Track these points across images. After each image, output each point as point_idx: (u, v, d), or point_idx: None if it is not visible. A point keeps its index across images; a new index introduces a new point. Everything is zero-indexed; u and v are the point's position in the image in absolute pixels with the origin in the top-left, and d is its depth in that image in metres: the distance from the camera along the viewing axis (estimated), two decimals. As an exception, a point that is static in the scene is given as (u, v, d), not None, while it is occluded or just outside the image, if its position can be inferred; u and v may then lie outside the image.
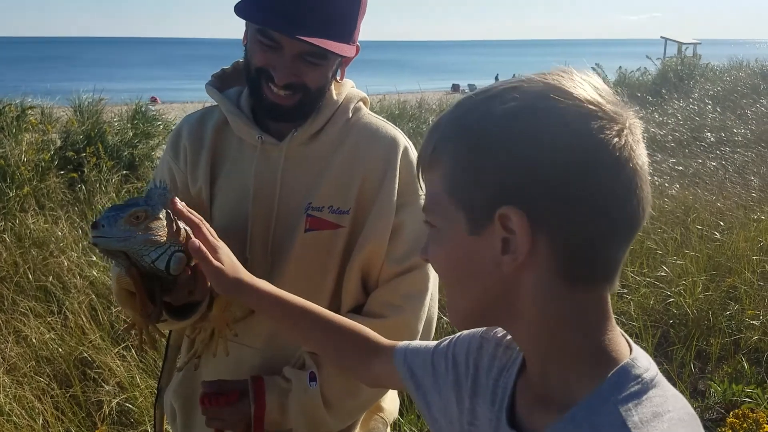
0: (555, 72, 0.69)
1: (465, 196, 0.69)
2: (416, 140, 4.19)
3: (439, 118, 0.74)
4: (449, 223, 0.71)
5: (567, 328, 0.69)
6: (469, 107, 0.71)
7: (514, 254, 0.67)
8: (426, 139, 0.74)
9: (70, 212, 5.43)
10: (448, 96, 17.14)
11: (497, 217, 0.66)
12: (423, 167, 0.75)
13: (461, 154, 0.69)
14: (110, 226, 1.02)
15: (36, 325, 3.66)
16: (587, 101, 0.65)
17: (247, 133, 1.36)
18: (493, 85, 0.71)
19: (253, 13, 1.23)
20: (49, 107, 8.26)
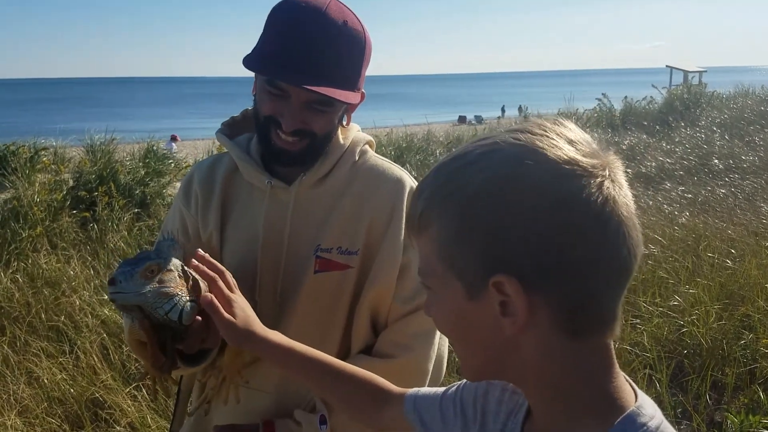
0: (529, 128, 0.70)
1: (457, 264, 0.70)
2: (423, 173, 4.20)
3: (422, 183, 0.75)
4: (446, 288, 0.72)
5: (571, 379, 0.70)
6: (448, 175, 0.71)
7: (514, 317, 0.67)
8: (411, 204, 0.75)
9: (83, 251, 5.47)
10: (455, 128, 17.24)
11: (491, 284, 0.67)
12: (412, 231, 0.76)
13: (447, 224, 0.69)
14: (126, 281, 1.04)
15: (48, 366, 3.67)
16: (563, 161, 0.66)
17: (257, 178, 1.38)
18: (468, 146, 0.73)
19: (262, 65, 1.27)
20: (61, 148, 8.37)
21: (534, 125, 0.70)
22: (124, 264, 1.06)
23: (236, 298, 1.13)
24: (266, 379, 1.37)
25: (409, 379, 1.35)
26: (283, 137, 1.29)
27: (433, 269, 0.73)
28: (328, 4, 1.26)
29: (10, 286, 4.67)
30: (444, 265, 0.71)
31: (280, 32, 1.26)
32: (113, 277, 1.04)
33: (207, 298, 1.09)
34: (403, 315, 1.35)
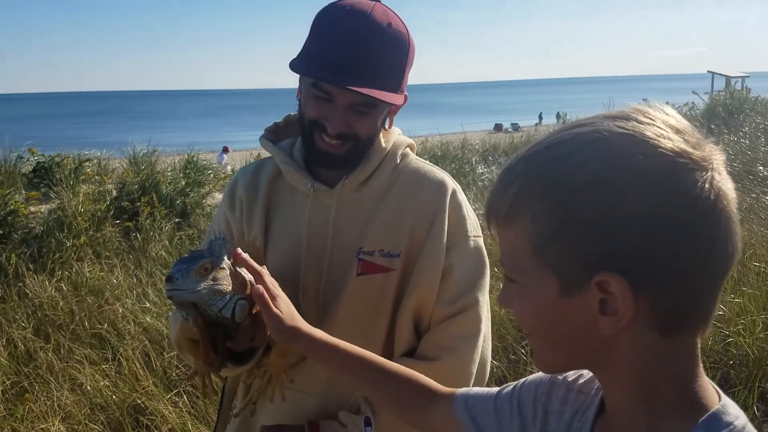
0: (633, 115, 0.66)
1: (554, 259, 0.67)
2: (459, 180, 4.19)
3: (511, 169, 0.70)
4: (536, 283, 0.69)
5: (659, 376, 0.68)
6: (547, 163, 0.67)
7: (615, 317, 0.65)
8: (498, 192, 0.71)
9: (125, 260, 5.58)
10: (491, 135, 17.16)
11: (594, 283, 0.64)
12: (498, 222, 0.72)
13: (545, 217, 0.66)
14: (183, 278, 1.06)
15: (91, 373, 3.75)
16: (674, 153, 0.63)
17: (300, 181, 1.40)
18: (563, 134, 0.68)
19: (307, 68, 1.30)
20: (105, 159, 8.58)
21: (637, 112, 0.67)
22: (179, 262, 1.08)
23: (281, 295, 1.14)
24: (311, 380, 1.38)
25: (452, 381, 1.34)
26: (328, 140, 1.31)
27: (521, 263, 0.70)
28: (373, 6, 1.28)
29: (55, 294, 4.79)
30: (537, 260, 0.68)
31: (325, 35, 1.28)
32: (170, 275, 1.05)
33: (259, 290, 1.10)
34: (447, 317, 1.35)
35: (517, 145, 12.44)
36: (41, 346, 4.08)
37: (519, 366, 3.77)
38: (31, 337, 4.19)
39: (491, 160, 10.59)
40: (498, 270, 5.02)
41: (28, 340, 4.15)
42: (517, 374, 3.69)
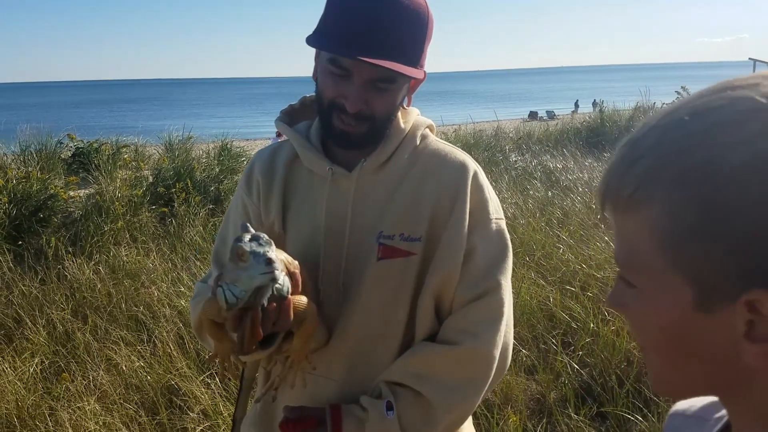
0: None
1: (692, 263, 0.52)
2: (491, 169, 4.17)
3: (640, 141, 0.55)
4: (663, 289, 0.55)
5: None
6: (691, 137, 0.51)
7: (765, 345, 0.50)
8: (619, 169, 0.56)
9: (161, 245, 5.68)
10: (526, 123, 16.96)
11: (743, 301, 0.50)
12: (615, 207, 0.57)
13: (684, 207, 0.51)
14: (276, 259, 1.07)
15: (127, 354, 3.83)
16: None
17: (318, 164, 1.39)
18: (719, 97, 0.52)
19: (324, 42, 1.27)
20: (141, 146, 8.73)
21: None
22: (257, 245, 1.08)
23: None
24: (332, 366, 1.38)
25: (475, 366, 1.33)
26: (346, 120, 1.29)
27: (644, 262, 0.55)
28: None
29: (93, 277, 4.90)
30: (666, 261, 0.53)
31: (342, 9, 1.26)
32: (269, 257, 1.05)
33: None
34: (468, 302, 1.33)
35: (551, 132, 12.28)
36: (79, 327, 4.19)
37: (549, 356, 3.74)
38: (70, 318, 4.29)
39: (525, 148, 10.47)
40: (517, 257, 4.99)
41: (67, 321, 4.26)
42: (547, 364, 3.66)
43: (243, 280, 1.07)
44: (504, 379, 3.44)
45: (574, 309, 4.12)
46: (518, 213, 6.17)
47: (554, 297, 4.30)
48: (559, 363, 3.63)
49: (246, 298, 1.10)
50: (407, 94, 1.37)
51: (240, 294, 1.09)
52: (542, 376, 3.56)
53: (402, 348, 1.38)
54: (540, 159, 9.32)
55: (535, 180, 7.76)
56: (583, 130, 12.21)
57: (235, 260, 1.08)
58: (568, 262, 4.86)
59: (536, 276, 4.70)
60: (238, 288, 1.09)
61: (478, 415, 3.18)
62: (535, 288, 4.47)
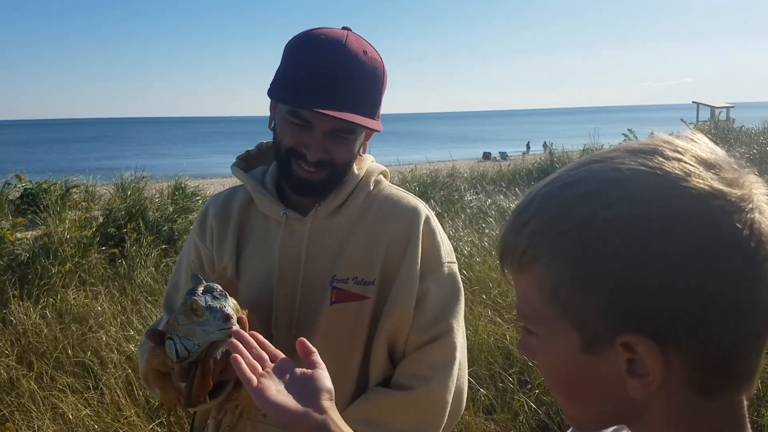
0: (658, 149, 0.58)
1: (573, 312, 0.59)
2: (448, 208, 4.22)
3: (524, 209, 0.63)
4: (555, 336, 0.62)
5: None
6: (561, 207, 0.60)
7: (644, 379, 0.57)
8: (511, 234, 0.64)
9: (110, 287, 5.52)
10: (480, 164, 17.25)
11: (619, 343, 0.57)
12: (512, 266, 0.65)
13: (562, 266, 0.59)
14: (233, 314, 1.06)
15: (73, 401, 3.68)
16: (707, 194, 0.55)
17: (272, 209, 1.39)
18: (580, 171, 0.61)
19: (287, 96, 1.30)
20: (92, 185, 8.54)
21: (663, 144, 0.59)
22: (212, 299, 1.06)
23: None
24: None
25: (428, 411, 1.33)
26: (306, 168, 1.31)
27: (537, 313, 0.63)
28: (347, 35, 1.30)
29: (39, 321, 4.72)
30: (554, 311, 0.61)
31: (303, 64, 1.28)
32: (227, 313, 1.04)
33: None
34: (421, 345, 1.34)
35: (504, 173, 12.52)
36: (24, 374, 4.01)
37: (506, 394, 3.74)
38: (14, 365, 4.12)
39: (480, 188, 10.64)
40: (474, 294, 5.02)
41: (11, 368, 4.08)
42: (505, 402, 3.66)
43: (198, 335, 1.05)
44: (463, 419, 3.42)
45: (531, 347, 4.15)
46: (474, 251, 6.22)
47: (510, 335, 4.32)
48: (516, 402, 3.63)
49: (198, 352, 1.07)
50: (363, 142, 1.40)
51: (193, 348, 1.07)
52: (500, 416, 3.55)
53: (356, 392, 1.36)
54: (494, 198, 9.46)
55: (490, 219, 7.86)
56: (534, 170, 12.48)
57: (189, 315, 1.06)
58: (523, 300, 4.90)
59: (493, 314, 4.72)
60: (191, 342, 1.06)
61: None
62: (491, 326, 4.49)
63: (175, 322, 1.09)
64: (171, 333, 1.09)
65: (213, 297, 1.06)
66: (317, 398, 0.93)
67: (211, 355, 1.09)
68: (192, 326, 1.05)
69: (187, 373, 1.12)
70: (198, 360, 1.10)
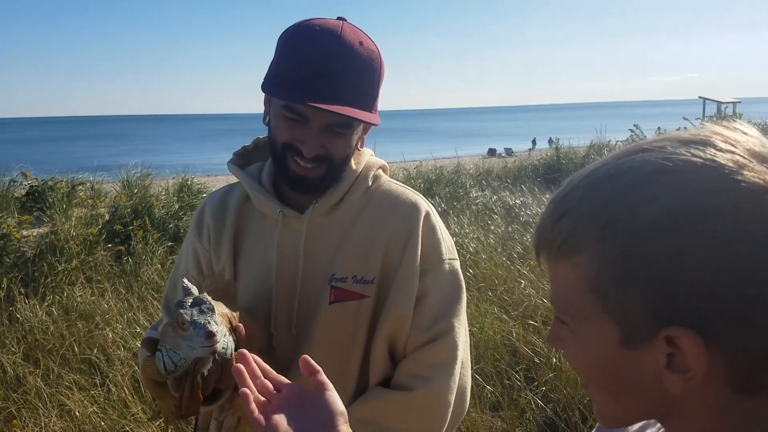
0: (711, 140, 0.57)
1: (616, 306, 0.58)
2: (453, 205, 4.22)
3: (565, 199, 0.62)
4: (592, 329, 0.61)
5: None
6: (608, 197, 0.58)
7: (685, 374, 0.57)
8: (549, 223, 0.63)
9: (117, 284, 5.53)
10: (485, 160, 17.21)
11: (663, 337, 0.56)
12: (548, 256, 0.64)
13: (606, 257, 0.58)
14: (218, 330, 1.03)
15: (80, 398, 3.69)
16: (763, 189, 0.54)
17: (269, 207, 1.37)
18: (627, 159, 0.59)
19: (282, 90, 1.26)
20: (98, 183, 8.56)
21: (715, 135, 0.58)
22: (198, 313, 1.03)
23: None
24: None
25: (430, 412, 1.31)
26: (303, 164, 1.28)
27: (575, 305, 0.62)
28: (342, 26, 1.26)
29: (46, 318, 4.73)
30: (594, 303, 0.59)
31: (298, 57, 1.24)
32: (210, 330, 1.01)
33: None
34: (421, 345, 1.31)
35: (510, 169, 12.48)
36: (30, 371, 4.02)
37: (513, 391, 3.73)
38: (21, 362, 4.13)
39: (485, 185, 10.61)
40: (480, 292, 5.01)
41: (18, 365, 4.09)
42: (512, 400, 3.65)
43: (183, 349, 1.03)
44: (469, 416, 3.42)
45: (537, 344, 4.13)
46: (480, 248, 6.20)
47: (517, 332, 4.31)
48: (523, 399, 3.62)
49: (185, 366, 1.06)
50: (361, 136, 1.37)
51: (179, 362, 1.05)
52: (507, 413, 3.54)
53: (356, 393, 1.34)
54: (500, 195, 9.44)
55: (495, 215, 7.85)
56: (540, 167, 12.44)
57: (175, 328, 1.04)
58: (529, 296, 4.89)
59: (499, 311, 4.71)
60: (177, 355, 1.04)
61: (443, 454, 3.14)
62: (498, 323, 4.48)
63: (164, 333, 1.07)
64: (160, 344, 1.07)
65: (200, 311, 1.03)
66: (332, 425, 0.88)
67: (199, 370, 1.07)
68: (177, 340, 1.03)
69: (179, 384, 1.11)
70: (188, 373, 1.08)
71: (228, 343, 1.09)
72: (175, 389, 1.11)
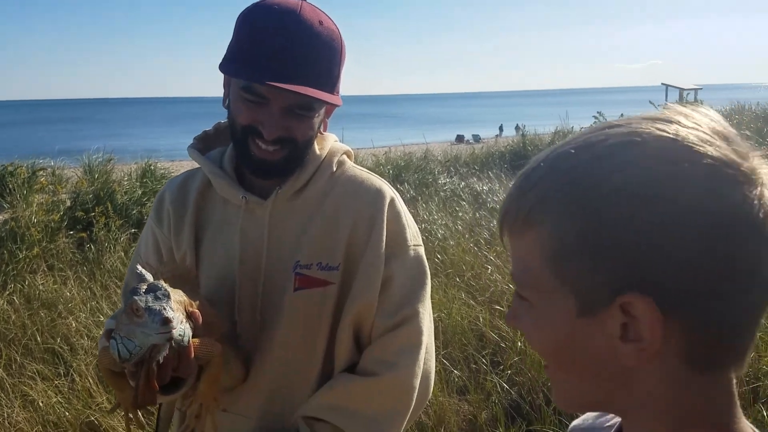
0: (674, 117, 0.58)
1: (574, 275, 0.58)
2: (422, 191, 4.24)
3: (532, 172, 0.62)
4: (550, 301, 0.61)
5: (694, 418, 0.60)
6: (574, 168, 0.59)
7: (639, 344, 0.57)
8: (515, 196, 0.63)
9: (79, 272, 5.44)
10: (453, 147, 17.28)
11: (618, 303, 0.56)
12: (511, 229, 0.64)
13: (567, 228, 0.58)
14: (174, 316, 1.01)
15: (43, 389, 3.62)
16: (721, 162, 0.55)
17: (231, 193, 1.34)
18: (594, 135, 0.60)
19: (239, 70, 1.23)
20: (59, 168, 8.38)
21: (680, 114, 0.59)
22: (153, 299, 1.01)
23: None
24: (249, 403, 1.34)
25: (395, 396, 1.31)
26: (264, 147, 1.25)
27: (534, 278, 0.62)
28: (301, 5, 1.23)
29: (7, 307, 4.63)
30: (554, 275, 0.60)
31: (256, 36, 1.22)
32: (165, 316, 0.99)
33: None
34: (387, 330, 1.31)
35: (478, 156, 12.55)
36: (-9, 361, 3.94)
37: (480, 375, 3.78)
38: (-19, 353, 4.04)
39: (453, 171, 10.66)
40: (448, 278, 5.06)
41: (-23, 355, 4.00)
42: (478, 383, 3.70)
43: (138, 336, 1.01)
44: (437, 400, 3.46)
45: (503, 328, 4.19)
46: (448, 234, 6.24)
47: (483, 317, 4.36)
48: (489, 383, 3.67)
49: (140, 354, 1.03)
50: (323, 118, 1.35)
51: (134, 350, 1.02)
52: (473, 396, 3.59)
53: (321, 380, 1.34)
54: (467, 181, 9.49)
55: (463, 202, 7.89)
56: (507, 153, 12.54)
57: (129, 315, 1.02)
58: (496, 282, 4.94)
59: (466, 296, 4.76)
60: (132, 343, 1.02)
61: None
62: (465, 308, 4.52)
63: (119, 320, 1.05)
64: (115, 332, 1.05)
65: (155, 297, 1.01)
66: None
67: (154, 357, 1.05)
68: (132, 327, 1.01)
69: (135, 373, 1.09)
70: (144, 361, 1.06)
71: (185, 330, 1.07)
72: (132, 378, 1.10)
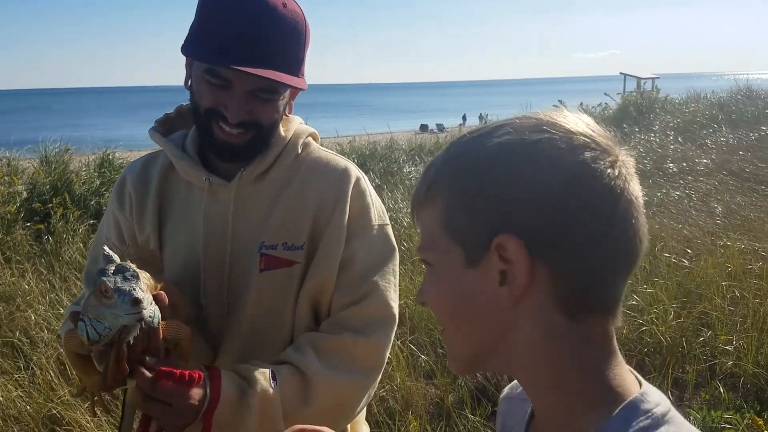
0: (547, 110, 0.70)
1: (460, 230, 0.67)
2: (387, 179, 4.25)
3: (433, 159, 0.73)
4: (445, 259, 0.70)
5: (570, 366, 0.67)
6: (462, 146, 0.70)
7: (512, 284, 0.65)
8: (420, 181, 0.73)
9: (37, 264, 5.31)
10: (417, 136, 17.31)
11: (494, 246, 0.65)
12: (417, 208, 0.74)
13: (456, 192, 0.68)
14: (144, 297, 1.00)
15: (3, 383, 3.55)
16: (580, 133, 0.66)
17: (194, 175, 1.33)
18: (487, 124, 0.72)
19: (203, 52, 1.22)
20: (14, 159, 8.14)
21: (551, 109, 0.70)
22: (122, 280, 1.00)
23: None
24: None
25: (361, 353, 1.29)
26: (228, 130, 1.24)
27: (434, 242, 0.71)
28: None
29: (-38, 301, 4.51)
30: (447, 234, 0.69)
31: (220, 18, 1.21)
32: (136, 297, 0.97)
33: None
34: (345, 306, 1.30)
35: (441, 144, 12.60)
36: (-54, 356, 3.84)
37: (446, 360, 3.82)
38: (-65, 348, 3.93)
39: (418, 160, 10.69)
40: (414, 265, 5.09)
41: (-68, 350, 3.89)
42: (444, 368, 3.74)
43: (107, 318, 1.00)
44: (404, 384, 3.49)
45: (468, 314, 4.24)
46: (413, 222, 6.28)
47: (449, 303, 4.40)
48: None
49: (110, 336, 1.02)
50: (288, 101, 1.34)
51: (104, 331, 1.01)
52: (440, 380, 3.63)
53: None
54: (431, 169, 9.54)
55: (427, 189, 7.93)
56: (471, 141, 12.63)
57: (98, 296, 1.00)
58: (461, 268, 4.99)
59: (431, 283, 4.79)
60: (102, 325, 1.00)
61: (380, 423, 3.21)
62: (430, 295, 4.56)
63: (87, 303, 1.03)
64: (83, 314, 1.03)
65: (124, 278, 1.00)
66: None
67: (125, 339, 1.03)
68: (101, 308, 1.00)
69: (104, 355, 1.07)
70: (113, 343, 1.05)
71: (155, 311, 1.06)
72: (100, 361, 1.08)
